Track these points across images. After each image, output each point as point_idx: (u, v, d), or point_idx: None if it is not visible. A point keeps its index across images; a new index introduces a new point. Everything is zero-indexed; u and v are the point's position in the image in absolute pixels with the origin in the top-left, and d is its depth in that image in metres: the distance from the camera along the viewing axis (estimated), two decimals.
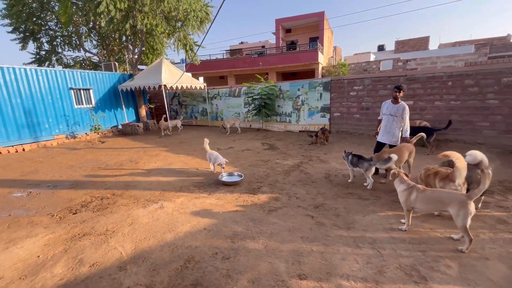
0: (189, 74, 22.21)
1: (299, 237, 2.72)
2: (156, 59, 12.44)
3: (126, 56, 14.01)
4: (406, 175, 2.90)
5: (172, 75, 10.37)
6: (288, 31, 22.67)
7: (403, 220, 2.91)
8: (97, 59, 14.63)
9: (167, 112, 10.34)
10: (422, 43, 23.77)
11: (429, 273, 2.09)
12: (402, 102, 4.28)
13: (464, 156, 2.95)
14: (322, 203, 3.57)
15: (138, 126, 10.60)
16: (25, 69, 8.11)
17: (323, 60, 18.31)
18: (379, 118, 4.66)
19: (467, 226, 2.31)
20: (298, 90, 9.23)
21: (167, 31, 11.20)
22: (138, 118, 12.13)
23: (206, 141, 5.38)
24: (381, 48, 29.41)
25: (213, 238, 2.75)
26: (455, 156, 2.81)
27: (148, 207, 3.57)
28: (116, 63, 12.50)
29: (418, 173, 3.57)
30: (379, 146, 4.59)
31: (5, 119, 7.65)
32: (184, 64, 22.66)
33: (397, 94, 4.24)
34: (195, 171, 5.27)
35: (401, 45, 24.83)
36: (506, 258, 2.25)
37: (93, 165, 5.94)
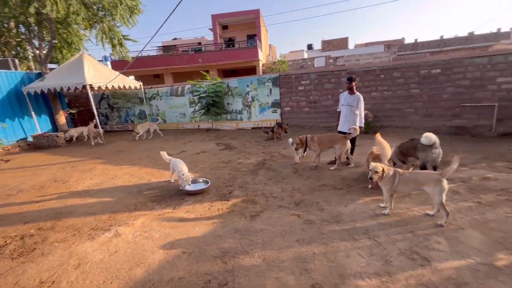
0: (117, 73, 19.54)
1: (295, 241, 2.50)
2: (72, 55, 10.29)
3: (30, 51, 11.21)
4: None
5: (98, 73, 8.78)
6: (225, 27, 22.27)
7: (381, 204, 3.02)
8: None
9: (96, 118, 8.70)
10: (343, 43, 26.89)
11: (427, 253, 2.16)
12: (358, 93, 4.53)
13: (421, 137, 3.26)
14: (301, 199, 3.45)
15: (57, 136, 8.60)
16: None
17: (262, 57, 18.68)
18: (338, 110, 4.85)
19: (443, 201, 2.50)
20: (247, 86, 9.06)
21: (86, 20, 9.36)
22: (55, 127, 9.88)
23: (163, 153, 4.48)
24: (310, 47, 31.95)
25: (198, 262, 2.27)
26: (377, 140, 3.45)
27: (98, 238, 2.77)
28: (16, 60, 9.86)
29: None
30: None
31: None
32: (109, 62, 19.78)
33: (350, 85, 4.46)
34: (147, 183, 4.49)
35: (327, 44, 27.54)
36: (475, 225, 2.53)
37: None
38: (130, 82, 10.15)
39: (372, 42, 31.06)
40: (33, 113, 9.02)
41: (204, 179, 4.22)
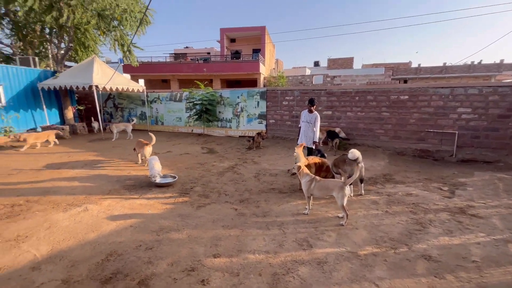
0: (128, 76, 20.80)
1: (221, 226, 3.10)
2: (87, 57, 11.41)
3: (50, 51, 12.43)
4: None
5: (105, 75, 9.72)
6: (232, 40, 23.51)
7: (307, 207, 3.59)
8: (11, 51, 12.56)
9: (98, 115, 9.60)
10: (348, 62, 27.66)
11: (315, 242, 2.73)
12: (316, 112, 5.15)
13: (347, 153, 3.84)
14: (247, 198, 4.05)
15: (62, 129, 9.51)
16: None
17: (264, 70, 19.61)
18: (299, 125, 5.47)
19: (345, 205, 3.07)
20: (238, 97, 9.81)
21: (102, 29, 10.48)
22: (63, 120, 10.86)
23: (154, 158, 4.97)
24: (316, 64, 32.92)
25: (138, 233, 2.91)
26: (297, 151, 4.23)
27: (70, 211, 3.45)
28: (36, 58, 11.00)
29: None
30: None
31: None
32: (122, 64, 21.12)
33: (311, 107, 5.08)
34: (127, 175, 5.18)
35: (332, 63, 28.37)
36: (369, 227, 3.07)
37: (1, 172, 5.22)
38: (134, 85, 11.09)
39: (378, 63, 31.67)
40: (44, 106, 10.03)
41: (173, 175, 4.88)
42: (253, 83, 18.83)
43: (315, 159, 4.39)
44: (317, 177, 3.40)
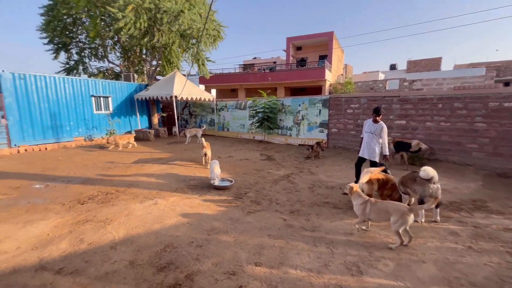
0: (203, 87, 23.31)
1: (267, 235, 3.11)
2: (171, 71, 13.42)
3: (145, 68, 15.16)
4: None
5: (184, 87, 11.18)
6: (298, 48, 23.53)
7: (364, 227, 3.23)
8: (119, 69, 15.90)
9: (176, 121, 11.07)
10: (434, 63, 23.79)
11: (366, 269, 2.42)
12: (382, 122, 4.63)
13: (419, 171, 3.28)
14: (298, 209, 3.94)
15: (149, 132, 11.39)
16: (54, 77, 9.15)
17: (330, 77, 18.81)
18: (361, 136, 5.01)
19: (400, 231, 2.64)
20: (299, 105, 9.71)
21: (183, 47, 12.17)
22: (150, 125, 12.99)
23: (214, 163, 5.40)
24: (393, 67, 29.59)
25: (192, 230, 3.20)
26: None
27: (144, 203, 4.08)
28: (135, 74, 13.57)
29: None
30: (360, 161, 4.92)
31: (33, 121, 8.61)
32: (198, 76, 23.88)
33: (376, 116, 4.59)
34: (192, 176, 5.78)
35: (413, 65, 24.93)
36: (440, 262, 2.53)
37: (104, 165, 6.60)
38: (206, 95, 12.36)
39: (476, 63, 26.19)
40: (138, 113, 12.23)
41: (230, 179, 5.18)
42: (317, 90, 18.31)
43: (378, 174, 3.94)
44: (372, 199, 3.02)
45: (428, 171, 3.21)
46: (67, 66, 14.67)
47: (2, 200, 4.20)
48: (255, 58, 30.93)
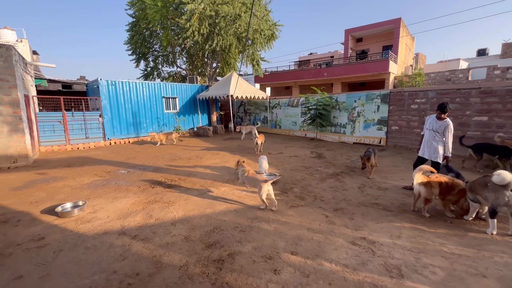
0: (258, 85, 24.05)
1: (306, 228, 3.20)
2: (229, 72, 14.38)
3: (206, 70, 16.61)
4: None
5: (239, 87, 11.87)
6: (359, 40, 21.85)
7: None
8: (185, 73, 17.84)
9: (232, 119, 11.86)
10: None
11: (409, 273, 2.29)
12: (448, 119, 4.10)
13: (492, 175, 2.83)
14: (342, 208, 3.87)
15: (208, 129, 12.51)
16: (135, 83, 10.97)
17: (396, 69, 16.89)
18: (422, 133, 4.53)
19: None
20: (355, 101, 9.18)
21: (239, 49, 12.90)
22: (209, 122, 14.22)
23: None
24: (482, 52, 24.64)
25: (238, 217, 3.53)
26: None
27: (200, 190, 4.65)
28: (198, 77, 15.03)
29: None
30: (420, 161, 4.45)
31: (120, 119, 10.54)
32: (254, 75, 24.72)
33: (440, 114, 4.09)
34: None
35: (511, 49, 20.26)
36: (507, 279, 2.19)
37: (170, 157, 7.65)
38: (260, 93, 12.81)
39: None
40: (199, 112, 13.55)
41: (277, 174, 5.38)
42: (379, 84, 16.74)
43: (441, 177, 3.55)
44: (250, 171, 2.76)
45: (504, 175, 2.75)
46: (145, 72, 17.24)
47: (99, 180, 5.40)
48: (311, 53, 30.13)
